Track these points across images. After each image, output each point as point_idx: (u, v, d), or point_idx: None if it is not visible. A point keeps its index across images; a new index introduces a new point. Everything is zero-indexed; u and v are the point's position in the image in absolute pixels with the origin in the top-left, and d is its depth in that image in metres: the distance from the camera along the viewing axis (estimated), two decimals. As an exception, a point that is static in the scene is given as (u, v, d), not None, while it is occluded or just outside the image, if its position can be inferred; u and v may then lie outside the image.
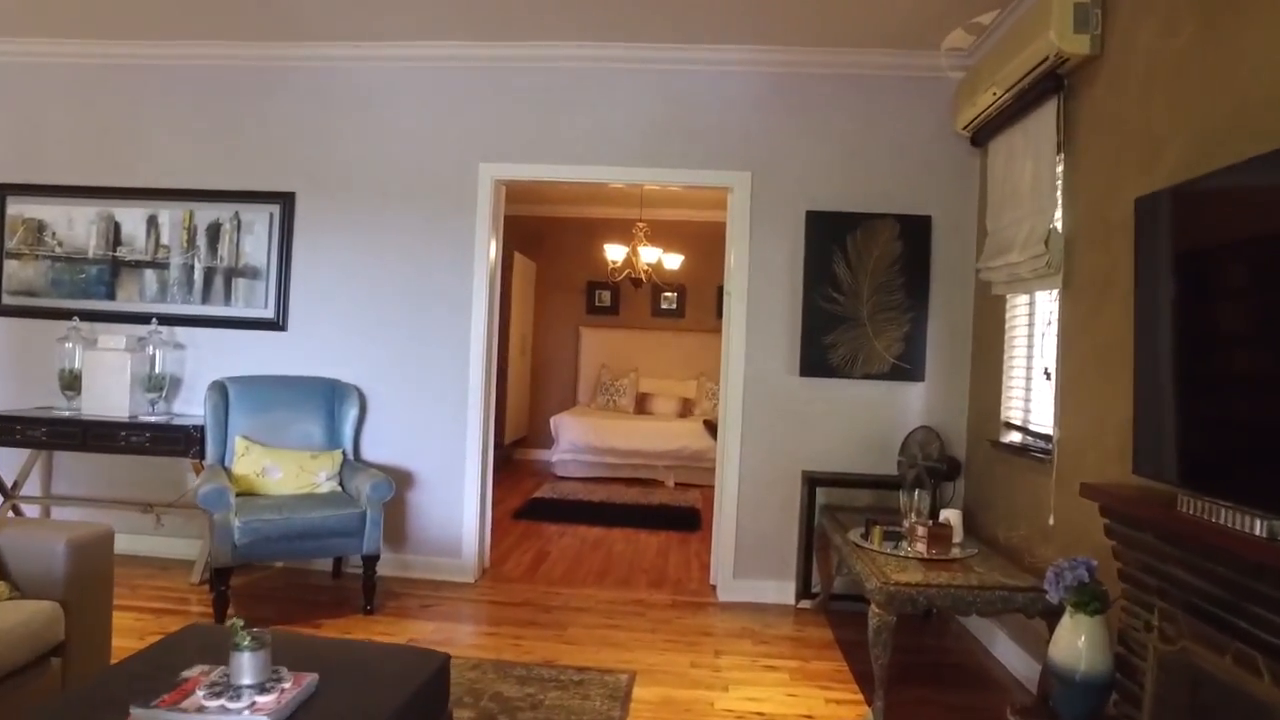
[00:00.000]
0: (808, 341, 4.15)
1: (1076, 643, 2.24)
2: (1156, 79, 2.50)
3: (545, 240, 8.90)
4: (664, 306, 8.90)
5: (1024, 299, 3.62)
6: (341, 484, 3.96)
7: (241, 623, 1.79)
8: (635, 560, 4.89)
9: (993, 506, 3.73)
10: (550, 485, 7.19)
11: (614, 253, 6.65)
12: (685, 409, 8.32)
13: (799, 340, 4.17)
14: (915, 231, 4.11)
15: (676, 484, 7.44)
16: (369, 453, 4.36)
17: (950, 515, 3.33)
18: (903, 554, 3.12)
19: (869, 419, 4.17)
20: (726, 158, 4.23)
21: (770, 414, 4.21)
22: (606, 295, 8.93)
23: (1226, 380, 1.94)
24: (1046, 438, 3.24)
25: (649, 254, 6.63)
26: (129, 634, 3.19)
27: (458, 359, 4.33)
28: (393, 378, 4.36)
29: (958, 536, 3.29)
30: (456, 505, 4.33)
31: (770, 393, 4.21)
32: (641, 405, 8.44)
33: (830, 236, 4.14)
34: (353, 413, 4.20)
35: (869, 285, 4.13)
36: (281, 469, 3.84)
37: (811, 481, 4.08)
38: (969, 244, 4.13)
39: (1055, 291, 3.20)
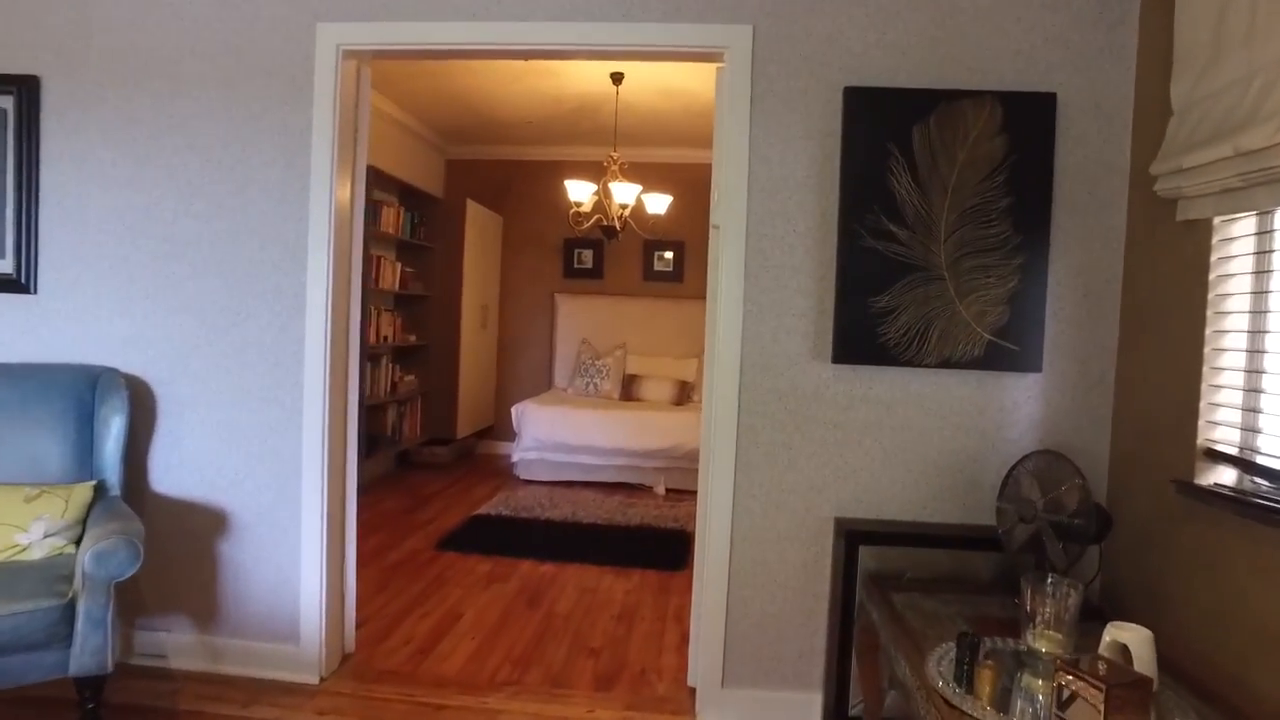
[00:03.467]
0: (846, 307, 2.52)
1: None
2: None
3: (512, 189, 7.29)
4: (658, 269, 7.27)
5: (1246, 225, 1.98)
6: (82, 540, 2.42)
7: None
8: (584, 629, 3.32)
9: (1175, 603, 2.11)
10: (505, 494, 5.63)
11: (577, 191, 4.90)
12: (681, 395, 6.70)
13: (831, 304, 2.55)
14: (1029, 119, 2.45)
15: (668, 491, 5.88)
16: (162, 483, 2.82)
17: (1130, 639, 1.71)
18: (1051, 740, 1.52)
19: (948, 434, 2.55)
20: (713, 3, 2.58)
21: (783, 424, 2.60)
22: (588, 255, 7.31)
23: None
24: (1339, 495, 1.62)
25: (624, 192, 4.92)
26: None
27: (289, 336, 2.76)
28: (198, 365, 2.80)
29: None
30: (292, 562, 2.78)
31: (784, 390, 2.60)
32: (629, 390, 6.83)
33: (885, 130, 2.48)
34: (119, 421, 2.64)
35: (950, 211, 2.48)
36: (-38, 521, 2.30)
37: (849, 535, 2.48)
38: (1121, 136, 2.47)
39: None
